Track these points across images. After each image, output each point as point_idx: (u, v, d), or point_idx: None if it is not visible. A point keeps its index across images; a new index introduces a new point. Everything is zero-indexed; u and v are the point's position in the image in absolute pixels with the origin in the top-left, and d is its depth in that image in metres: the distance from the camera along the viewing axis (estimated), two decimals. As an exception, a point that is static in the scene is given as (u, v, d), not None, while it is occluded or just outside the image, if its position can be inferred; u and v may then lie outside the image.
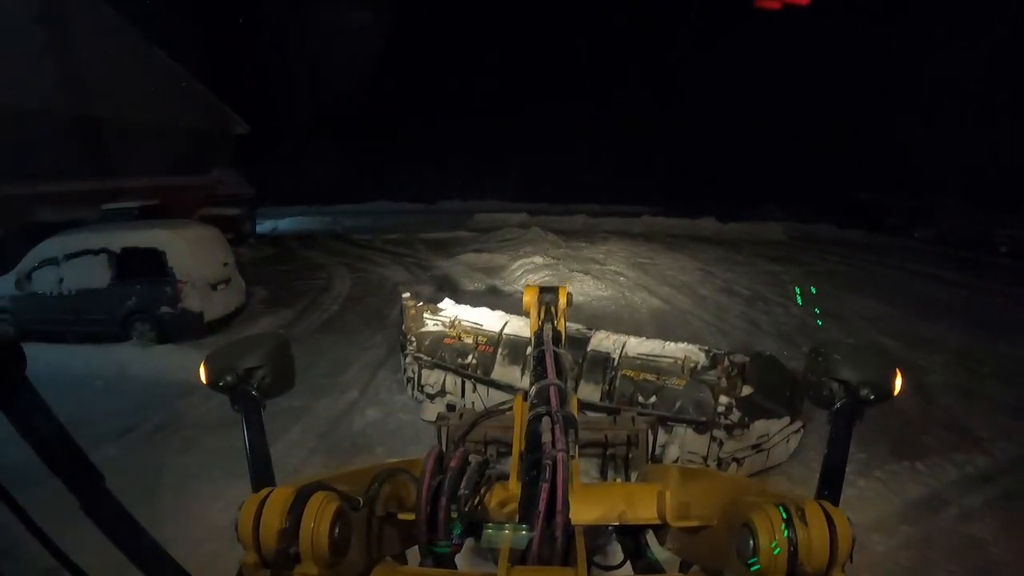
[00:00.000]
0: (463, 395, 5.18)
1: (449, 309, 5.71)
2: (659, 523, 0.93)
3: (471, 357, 5.19)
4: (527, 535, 0.76)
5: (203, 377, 0.92)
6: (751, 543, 0.64)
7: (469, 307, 5.77)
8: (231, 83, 19.16)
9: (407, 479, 0.90)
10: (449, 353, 5.30)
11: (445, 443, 1.66)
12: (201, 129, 17.64)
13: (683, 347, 4.60)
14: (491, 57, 29.22)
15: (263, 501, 0.66)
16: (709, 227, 18.90)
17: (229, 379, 0.90)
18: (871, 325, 8.76)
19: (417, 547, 0.85)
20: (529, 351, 1.60)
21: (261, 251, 15.41)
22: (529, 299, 1.76)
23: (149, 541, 0.67)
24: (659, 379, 4.41)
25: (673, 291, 10.71)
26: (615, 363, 4.61)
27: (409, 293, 5.98)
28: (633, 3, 29.45)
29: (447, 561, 0.84)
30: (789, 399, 4.44)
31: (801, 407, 4.44)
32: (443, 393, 5.29)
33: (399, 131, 28.79)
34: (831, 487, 0.82)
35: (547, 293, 1.75)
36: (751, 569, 0.64)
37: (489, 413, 1.65)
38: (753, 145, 25.37)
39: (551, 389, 1.11)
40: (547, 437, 0.91)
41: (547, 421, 0.96)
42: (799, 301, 9.81)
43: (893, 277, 12.49)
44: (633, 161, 27.38)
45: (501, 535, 0.77)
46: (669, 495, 0.91)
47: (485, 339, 5.22)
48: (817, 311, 9.19)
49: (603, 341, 4.82)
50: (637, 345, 4.71)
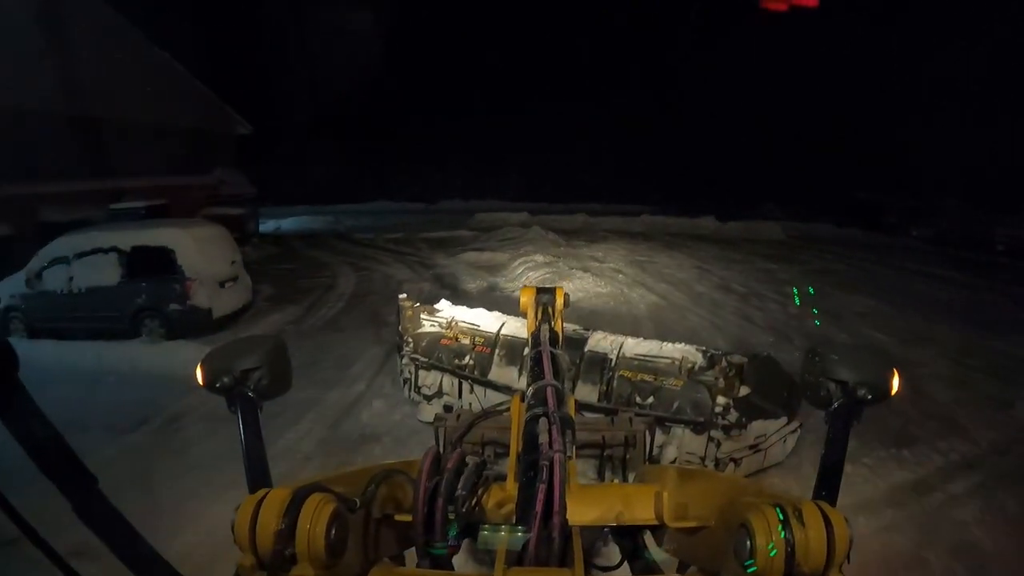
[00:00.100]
0: (460, 396, 5.16)
1: (446, 310, 5.66)
2: (657, 524, 0.92)
3: (468, 358, 5.17)
4: (524, 536, 0.76)
5: (199, 378, 0.92)
6: (748, 544, 0.64)
7: (466, 308, 5.72)
8: (233, 83, 19.21)
9: (404, 480, 0.90)
10: (446, 354, 5.28)
11: (442, 444, 1.66)
12: (203, 129, 17.67)
13: (681, 347, 4.57)
14: (491, 57, 29.27)
15: (259, 502, 0.66)
16: (708, 226, 18.91)
17: (226, 380, 0.90)
18: (865, 321, 8.80)
19: (414, 548, 0.85)
20: (526, 352, 1.60)
21: (265, 250, 15.45)
22: (526, 300, 1.74)
23: (142, 543, 0.67)
24: (657, 380, 4.40)
25: (670, 288, 10.80)
26: (612, 364, 4.59)
27: (405, 294, 5.97)
28: (633, 3, 29.48)
29: (444, 562, 0.84)
30: (786, 399, 4.44)
31: (798, 407, 4.44)
32: (440, 394, 5.28)
33: (400, 131, 28.83)
34: (828, 487, 0.82)
35: (544, 294, 1.74)
36: (748, 571, 0.63)
37: (486, 414, 1.65)
38: (753, 145, 25.42)
39: (548, 390, 1.10)
40: (544, 438, 0.91)
41: (544, 422, 0.96)
42: (796, 301, 9.84)
43: (891, 276, 12.53)
44: (633, 161, 27.42)
45: (498, 536, 0.76)
46: (667, 496, 0.91)
47: (482, 340, 5.20)
48: (808, 306, 9.25)
49: (600, 342, 4.80)
50: (634, 346, 4.69)
